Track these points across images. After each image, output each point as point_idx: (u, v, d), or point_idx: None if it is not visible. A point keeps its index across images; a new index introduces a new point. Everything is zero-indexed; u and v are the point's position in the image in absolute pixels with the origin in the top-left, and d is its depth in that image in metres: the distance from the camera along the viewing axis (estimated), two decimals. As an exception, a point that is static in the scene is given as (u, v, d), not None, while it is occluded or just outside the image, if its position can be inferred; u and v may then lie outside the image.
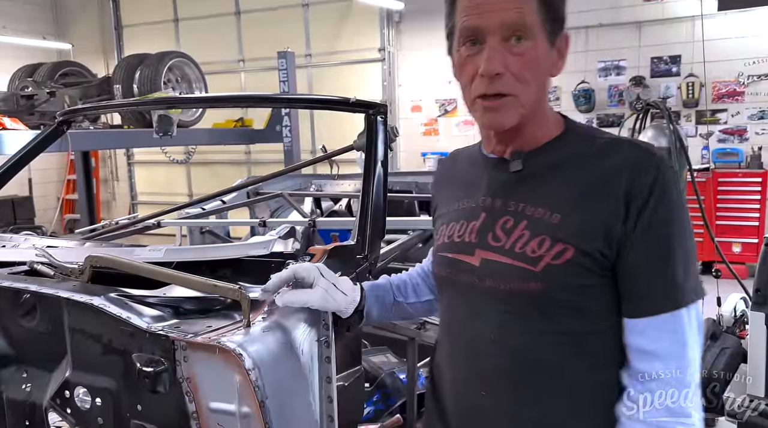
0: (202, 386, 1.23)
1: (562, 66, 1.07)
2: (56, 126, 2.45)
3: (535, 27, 1.01)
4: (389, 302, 1.37)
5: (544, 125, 1.10)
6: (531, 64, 1.02)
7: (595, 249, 0.99)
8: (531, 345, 1.04)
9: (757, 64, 6.39)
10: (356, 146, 2.07)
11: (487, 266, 1.07)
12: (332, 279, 1.27)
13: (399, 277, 1.41)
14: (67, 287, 1.43)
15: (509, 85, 1.01)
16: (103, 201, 10.45)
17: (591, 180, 1.02)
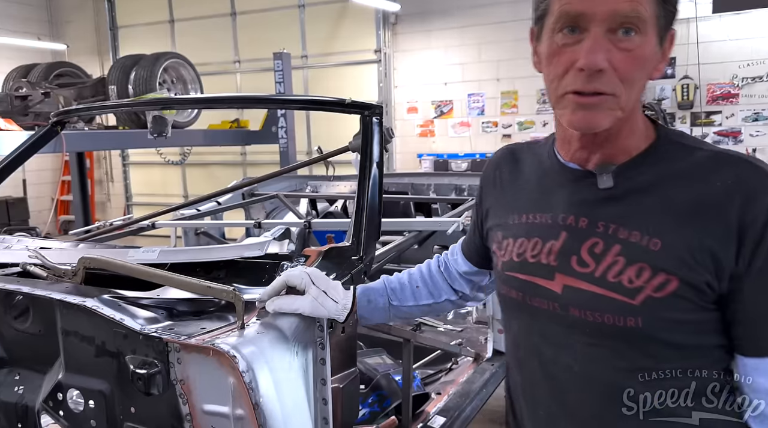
0: (195, 388, 1.23)
1: (663, 68, 0.95)
2: (50, 127, 2.44)
3: (648, 20, 0.88)
4: (383, 305, 1.34)
5: (636, 134, 0.97)
6: (638, 62, 0.89)
7: (702, 281, 0.88)
8: (620, 381, 0.95)
9: (751, 66, 6.41)
10: (352, 147, 2.06)
11: (571, 295, 0.97)
12: (323, 286, 1.26)
13: (397, 278, 1.37)
14: (60, 288, 1.42)
15: (610, 84, 0.89)
16: (98, 202, 10.42)
17: (695, 201, 0.90)
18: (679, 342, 0.92)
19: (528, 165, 1.13)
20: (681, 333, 0.91)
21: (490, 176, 1.20)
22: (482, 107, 7.74)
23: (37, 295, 1.39)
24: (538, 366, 1.04)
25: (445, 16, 7.67)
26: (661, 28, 0.91)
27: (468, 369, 2.62)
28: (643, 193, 0.94)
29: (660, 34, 0.92)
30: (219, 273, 1.58)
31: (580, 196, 1.00)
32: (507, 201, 1.13)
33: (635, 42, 0.89)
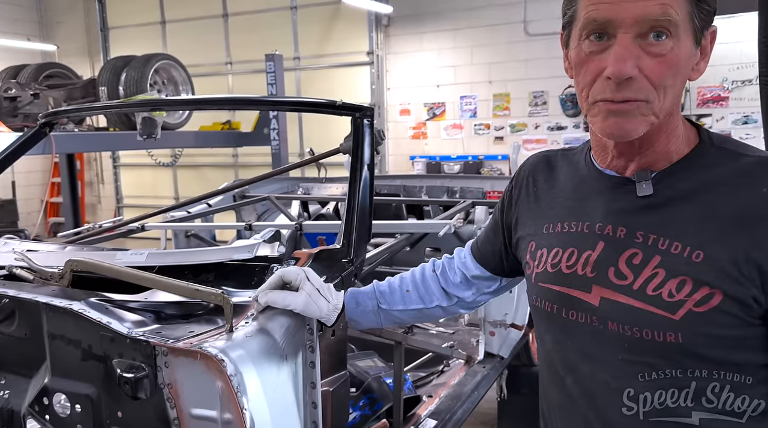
0: (183, 392, 1.21)
1: (704, 67, 0.90)
2: (38, 128, 2.42)
3: (681, 23, 0.84)
4: (372, 308, 1.32)
5: (676, 139, 0.93)
6: (671, 67, 0.86)
7: (748, 295, 0.84)
8: (663, 398, 0.91)
9: (741, 69, 6.46)
10: (343, 149, 2.06)
11: (609, 308, 0.93)
12: (317, 285, 1.26)
13: (388, 282, 1.36)
14: (47, 291, 1.40)
15: (643, 91, 0.86)
16: (88, 204, 10.36)
17: (740, 210, 0.85)
18: (718, 357, 0.87)
19: (563, 173, 1.08)
20: (722, 348, 0.87)
21: (523, 183, 1.16)
22: (474, 110, 7.76)
23: (22, 298, 1.37)
24: (574, 382, 1.00)
25: (438, 18, 7.69)
26: (697, 29, 0.87)
27: (459, 372, 2.61)
28: (684, 201, 0.90)
29: (696, 34, 0.87)
30: (208, 276, 1.57)
31: (618, 204, 0.96)
32: (542, 210, 1.09)
33: (667, 46, 0.85)
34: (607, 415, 0.96)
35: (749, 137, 6.54)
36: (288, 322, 1.33)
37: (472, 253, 1.31)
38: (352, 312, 1.32)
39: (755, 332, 0.87)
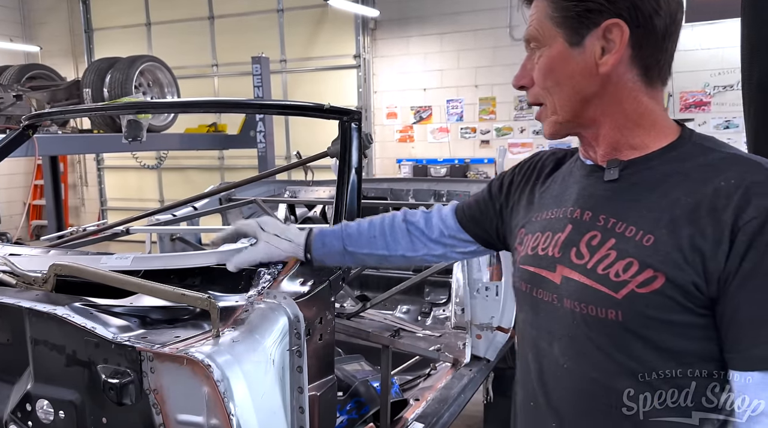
0: (169, 398, 1.20)
1: (614, 60, 0.93)
2: (22, 130, 2.39)
3: (546, 32, 0.96)
4: (338, 249, 1.38)
5: (640, 131, 0.97)
6: (544, 70, 0.98)
7: (689, 281, 0.86)
8: (605, 381, 0.93)
9: (722, 74, 6.55)
10: (330, 153, 2.06)
11: (567, 285, 0.97)
12: (274, 230, 1.36)
13: (356, 225, 1.40)
14: (30, 296, 1.38)
15: (536, 95, 1.01)
16: (72, 207, 10.25)
17: (695, 200, 0.88)
18: (663, 344, 0.89)
19: (564, 168, 1.14)
20: (664, 334, 0.89)
21: (527, 173, 1.20)
22: (461, 113, 7.79)
23: (4, 303, 1.35)
24: (533, 358, 1.05)
25: (424, 22, 7.71)
26: (571, 31, 0.94)
27: (446, 375, 2.61)
28: (647, 189, 0.94)
29: (571, 38, 0.95)
30: (194, 280, 1.56)
31: (589, 190, 1.02)
32: (535, 201, 1.14)
33: (541, 54, 0.98)
34: (554, 393, 1.00)
35: (731, 141, 6.58)
36: (275, 327, 1.33)
37: (457, 216, 1.35)
38: (318, 252, 1.38)
39: (699, 321, 0.88)
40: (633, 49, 0.93)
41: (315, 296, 1.48)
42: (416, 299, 3.65)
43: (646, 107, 0.96)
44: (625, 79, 0.94)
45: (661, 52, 0.95)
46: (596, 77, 0.94)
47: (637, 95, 0.95)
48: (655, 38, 0.93)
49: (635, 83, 0.95)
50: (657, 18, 0.91)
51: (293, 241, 1.36)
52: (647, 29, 0.92)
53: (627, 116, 0.96)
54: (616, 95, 0.95)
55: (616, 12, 0.91)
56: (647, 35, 0.92)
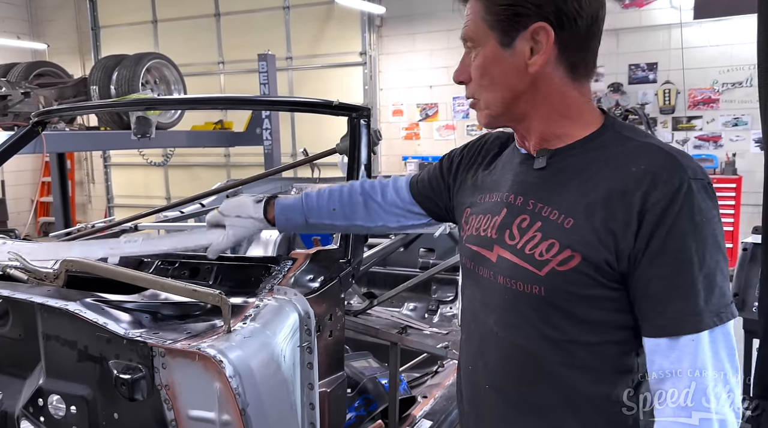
0: (181, 393, 1.21)
1: (542, 61, 0.99)
2: (31, 127, 2.40)
3: (480, 33, 1.02)
4: (301, 222, 1.43)
5: (566, 122, 1.04)
6: (479, 69, 1.04)
7: (602, 259, 0.95)
8: (532, 349, 1.03)
9: (731, 71, 6.50)
10: (339, 150, 2.05)
11: (501, 263, 1.07)
12: (234, 212, 1.42)
13: (316, 197, 1.44)
14: (41, 292, 1.39)
15: (471, 91, 1.08)
16: (79, 204, 10.28)
17: (611, 186, 0.96)
18: (583, 316, 0.99)
19: (506, 152, 1.21)
20: (583, 306, 0.98)
21: (474, 154, 1.28)
22: (467, 111, 7.76)
23: (17, 299, 1.35)
24: (474, 328, 1.15)
25: (430, 19, 7.69)
26: (502, 33, 1.00)
27: (454, 372, 2.60)
28: (569, 176, 1.03)
29: (503, 39, 1.01)
30: (205, 276, 1.56)
31: (521, 177, 1.10)
32: (479, 182, 1.22)
33: (477, 53, 1.04)
34: (489, 360, 1.10)
35: (739, 139, 6.60)
36: (286, 323, 1.33)
37: (411, 191, 1.42)
38: (283, 225, 1.44)
39: (612, 294, 0.97)
40: (559, 49, 1.00)
41: (325, 292, 1.48)
42: (423, 296, 3.65)
43: (573, 100, 1.03)
44: (552, 76, 1.01)
45: (585, 50, 1.02)
46: (526, 76, 1.01)
47: (564, 90, 1.02)
48: (579, 38, 1.00)
49: (562, 80, 1.02)
50: (580, 19, 0.98)
51: (253, 217, 1.42)
52: (571, 31, 0.99)
53: (554, 109, 1.03)
54: (545, 91, 1.02)
55: (542, 15, 0.98)
56: (571, 36, 0.99)
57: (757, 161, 6.59)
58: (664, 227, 0.91)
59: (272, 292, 1.41)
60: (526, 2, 0.97)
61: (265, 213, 1.42)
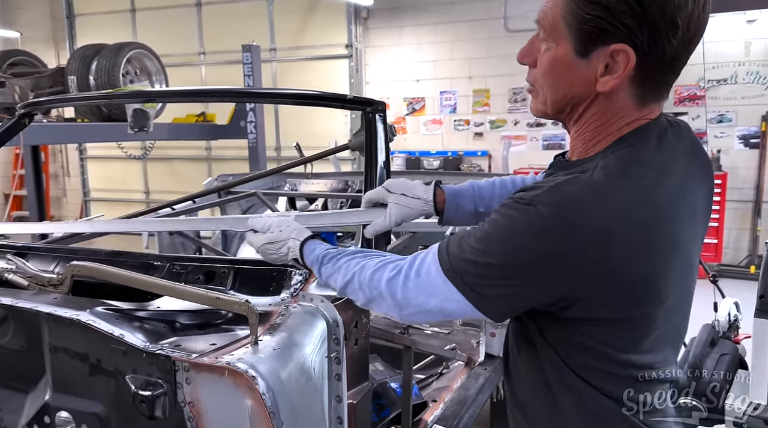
0: (206, 411, 1.11)
1: (614, 83, 0.91)
2: (17, 119, 2.26)
3: (556, 29, 0.94)
4: (470, 210, 1.37)
5: (582, 139, 0.99)
6: (546, 65, 0.97)
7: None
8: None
9: (716, 68, 6.55)
10: (352, 146, 1.96)
11: None
12: (401, 190, 1.34)
13: (488, 184, 1.40)
14: (47, 300, 1.28)
15: (532, 78, 1.01)
16: (54, 198, 9.99)
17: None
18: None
19: None
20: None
21: None
22: (454, 105, 7.71)
23: (20, 307, 1.24)
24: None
25: (418, 12, 7.60)
26: (577, 41, 0.92)
27: (461, 374, 2.54)
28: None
29: (577, 48, 0.92)
30: (222, 281, 1.45)
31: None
32: None
33: (542, 46, 0.97)
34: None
35: (724, 135, 6.65)
36: (314, 333, 1.24)
37: None
38: (452, 213, 1.36)
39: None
40: (636, 74, 0.91)
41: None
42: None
43: (623, 123, 0.95)
44: (617, 96, 0.94)
45: (664, 78, 0.94)
46: (592, 90, 0.94)
47: (620, 113, 0.95)
48: (661, 65, 0.91)
49: (626, 102, 0.94)
50: (669, 47, 0.89)
51: (421, 198, 1.34)
52: (654, 58, 0.89)
53: (600, 126, 0.96)
54: (602, 110, 0.95)
55: (627, 37, 0.88)
56: (653, 63, 0.90)
57: (741, 157, 6.67)
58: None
59: (297, 298, 1.32)
60: (616, 20, 0.87)
61: (433, 197, 1.36)
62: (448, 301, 0.97)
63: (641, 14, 0.86)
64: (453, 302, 0.96)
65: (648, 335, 0.95)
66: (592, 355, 0.95)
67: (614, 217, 0.87)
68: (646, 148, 0.93)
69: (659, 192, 0.91)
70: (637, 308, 0.92)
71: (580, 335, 0.95)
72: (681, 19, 0.87)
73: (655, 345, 0.97)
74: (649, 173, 0.91)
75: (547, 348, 0.99)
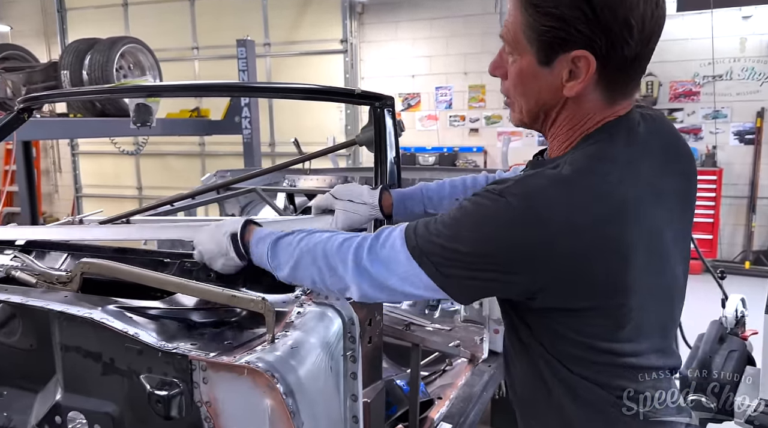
0: (224, 411, 1.09)
1: (579, 88, 0.95)
2: (17, 113, 2.22)
3: (519, 43, 0.97)
4: (419, 212, 1.38)
5: (558, 141, 1.03)
6: (514, 77, 1.01)
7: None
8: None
9: (711, 65, 6.57)
10: (359, 141, 1.94)
11: None
12: (347, 196, 1.36)
13: (436, 187, 1.40)
14: (57, 298, 1.25)
15: (505, 90, 1.05)
16: (45, 193, 9.88)
17: None
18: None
19: None
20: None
21: None
22: (450, 101, 7.69)
23: (30, 306, 1.21)
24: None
25: (414, 7, 7.57)
26: (539, 52, 0.95)
27: (465, 371, 2.53)
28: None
29: (540, 58, 0.95)
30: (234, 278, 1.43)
31: None
32: None
33: (508, 59, 1.01)
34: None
35: (719, 131, 6.68)
36: (329, 331, 1.22)
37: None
38: (399, 215, 1.38)
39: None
40: (599, 76, 0.94)
41: (366, 295, 1.37)
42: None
43: (597, 120, 0.98)
44: (585, 99, 0.97)
45: (628, 76, 0.96)
46: (560, 96, 0.97)
47: (590, 114, 0.98)
48: (623, 65, 0.94)
49: (595, 103, 0.97)
50: (627, 48, 0.91)
51: (367, 203, 1.35)
52: (615, 60, 0.92)
53: (575, 127, 0.99)
54: (573, 113, 0.99)
55: (585, 42, 0.91)
56: (614, 65, 0.93)
57: (736, 153, 6.70)
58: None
59: (311, 296, 1.30)
60: (571, 28, 0.91)
61: (380, 201, 1.36)
62: (407, 280, 0.98)
63: (594, 20, 0.89)
64: (413, 281, 0.97)
65: (624, 325, 0.96)
66: (573, 344, 0.97)
67: (579, 212, 0.89)
68: (612, 144, 0.96)
69: (624, 188, 0.92)
70: (606, 299, 0.94)
71: (556, 324, 0.97)
72: (635, 20, 0.89)
73: (634, 334, 0.97)
74: (614, 170, 0.93)
75: (533, 342, 1.01)
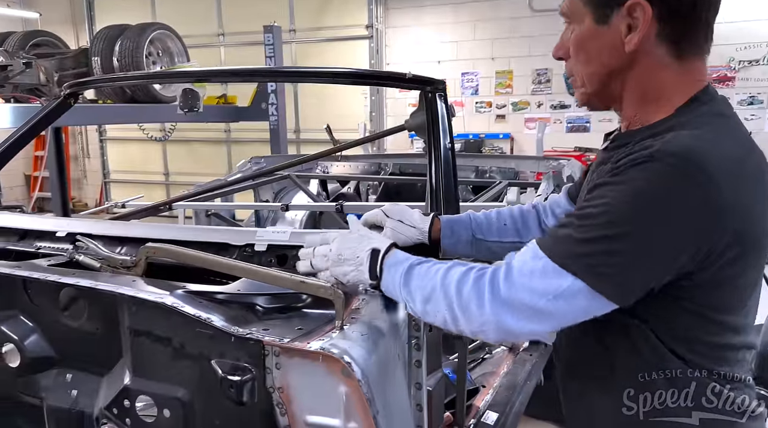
0: (297, 397, 1.09)
1: (638, 39, 0.95)
2: (63, 99, 2.24)
3: (576, 10, 1.01)
4: (466, 238, 1.37)
5: (653, 108, 0.99)
6: (575, 45, 1.03)
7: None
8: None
9: (748, 49, 6.42)
10: (409, 126, 1.93)
11: None
12: (398, 216, 1.35)
13: (484, 214, 1.41)
14: (125, 282, 1.25)
15: (569, 68, 1.07)
16: (74, 179, 10.00)
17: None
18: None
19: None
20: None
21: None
22: (476, 87, 7.62)
23: (99, 290, 1.22)
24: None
25: (439, -9, 7.49)
26: (597, 10, 0.98)
27: (506, 360, 2.52)
28: (605, 163, 1.03)
29: (598, 16, 0.98)
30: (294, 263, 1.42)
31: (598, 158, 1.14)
32: None
33: (572, 30, 1.04)
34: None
35: (754, 118, 6.53)
36: (396, 318, 1.21)
37: (570, 197, 1.37)
38: (447, 240, 1.36)
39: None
40: (659, 24, 0.94)
41: (429, 282, 1.36)
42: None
43: (669, 82, 0.97)
44: (652, 55, 0.96)
45: (691, 23, 0.95)
46: (623, 54, 0.97)
47: (661, 73, 0.97)
48: (683, 11, 0.94)
49: (663, 59, 0.96)
50: None
51: (417, 226, 1.35)
52: (671, 4, 0.93)
53: (646, 92, 0.99)
54: (640, 71, 0.98)
55: None
56: (672, 10, 0.93)
57: (772, 140, 6.56)
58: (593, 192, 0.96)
59: (375, 282, 1.29)
60: None
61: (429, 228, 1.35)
62: (561, 297, 0.89)
63: None
64: (568, 296, 0.89)
65: (751, 294, 0.97)
66: (688, 315, 0.95)
67: (733, 163, 0.88)
68: (722, 105, 0.99)
69: (754, 143, 0.96)
70: (754, 250, 0.92)
71: (676, 294, 0.93)
72: None
73: (751, 304, 0.98)
74: (740, 126, 0.97)
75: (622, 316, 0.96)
